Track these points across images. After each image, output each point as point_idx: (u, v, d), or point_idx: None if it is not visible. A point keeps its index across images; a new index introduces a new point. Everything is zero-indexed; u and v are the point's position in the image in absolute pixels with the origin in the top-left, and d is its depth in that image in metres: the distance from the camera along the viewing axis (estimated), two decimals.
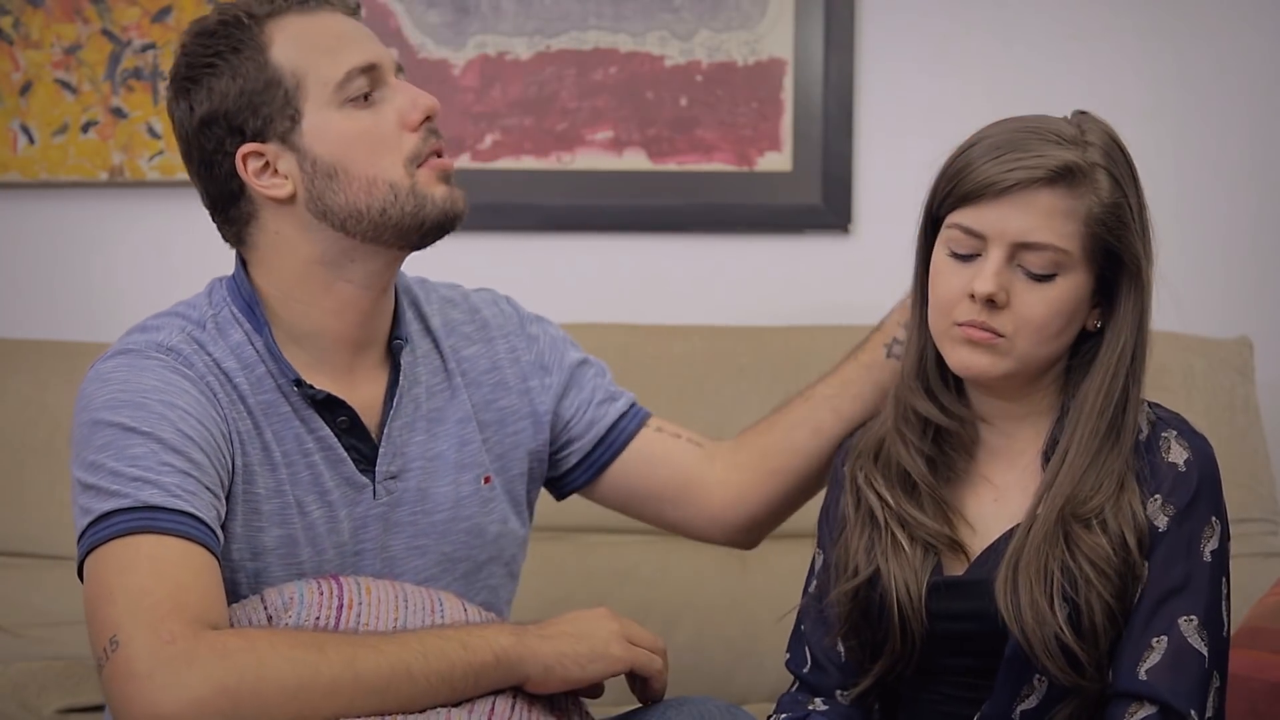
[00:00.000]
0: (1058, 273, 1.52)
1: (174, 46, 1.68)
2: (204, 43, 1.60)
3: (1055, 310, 1.53)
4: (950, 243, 1.56)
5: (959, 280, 1.55)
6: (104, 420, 1.51)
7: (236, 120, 1.59)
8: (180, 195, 2.68)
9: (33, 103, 2.64)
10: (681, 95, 2.66)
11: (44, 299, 2.68)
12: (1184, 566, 1.54)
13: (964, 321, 1.54)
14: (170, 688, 1.35)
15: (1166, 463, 1.56)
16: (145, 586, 1.41)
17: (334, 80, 1.59)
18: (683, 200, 2.66)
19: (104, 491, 1.47)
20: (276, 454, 1.60)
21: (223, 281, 1.68)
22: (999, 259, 1.52)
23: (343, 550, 1.63)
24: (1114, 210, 1.54)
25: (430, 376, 1.72)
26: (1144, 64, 2.66)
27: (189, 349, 1.59)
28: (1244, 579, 2.29)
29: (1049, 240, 1.51)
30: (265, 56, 1.58)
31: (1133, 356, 1.57)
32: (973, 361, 1.55)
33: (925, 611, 1.57)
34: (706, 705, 1.56)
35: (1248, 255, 2.68)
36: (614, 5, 2.65)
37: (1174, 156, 2.67)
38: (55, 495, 2.39)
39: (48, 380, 2.44)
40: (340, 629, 1.49)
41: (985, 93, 2.67)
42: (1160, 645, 1.51)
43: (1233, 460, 2.38)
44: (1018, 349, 1.54)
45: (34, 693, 2.17)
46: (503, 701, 1.49)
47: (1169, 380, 2.40)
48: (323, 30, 1.61)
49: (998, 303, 1.52)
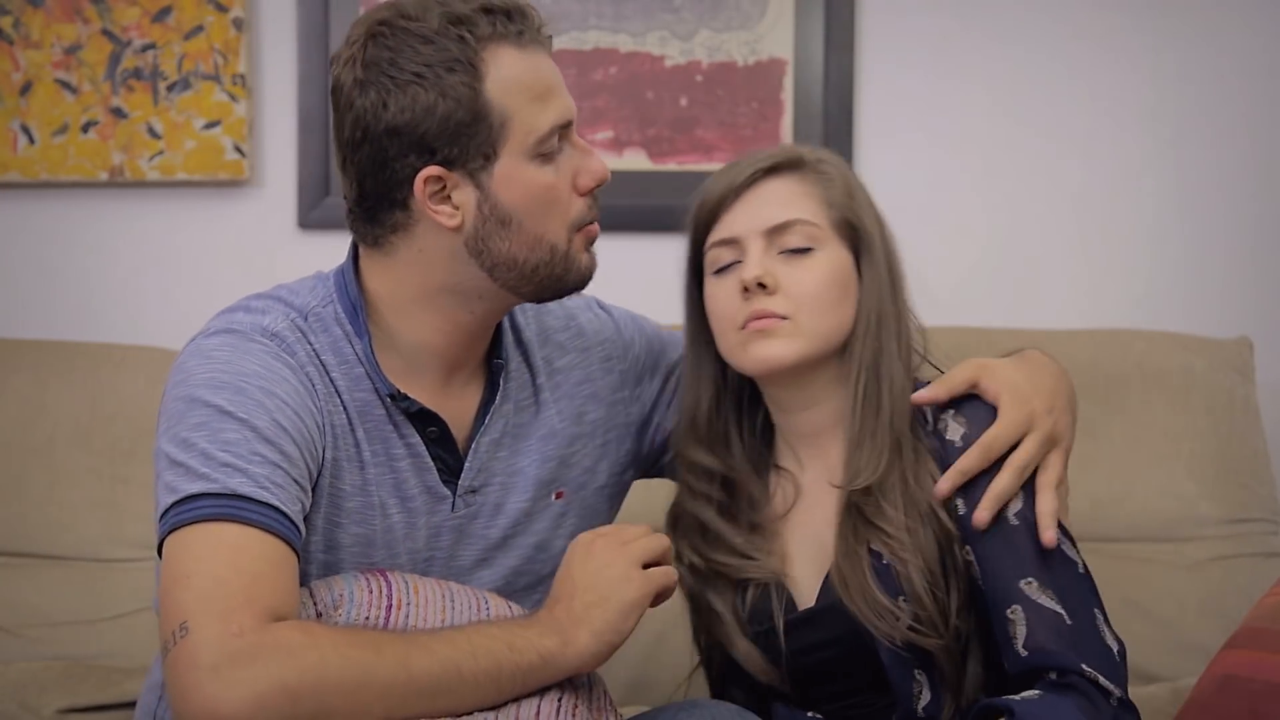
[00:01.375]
0: (814, 246, 1.63)
1: (370, 24, 1.56)
2: (417, 46, 1.53)
3: (823, 280, 1.62)
4: (714, 264, 1.65)
5: (728, 288, 1.63)
6: (201, 399, 1.50)
7: (432, 142, 1.53)
8: (180, 195, 2.68)
9: (33, 103, 2.64)
10: (681, 95, 2.66)
11: (44, 299, 2.68)
12: (998, 538, 1.56)
13: (746, 319, 1.60)
14: (233, 684, 1.35)
15: (946, 441, 1.60)
16: (222, 575, 1.40)
17: (537, 133, 1.56)
18: (683, 200, 2.65)
19: (193, 472, 1.46)
20: (366, 453, 1.60)
21: (329, 276, 1.65)
22: (758, 249, 1.62)
23: (415, 556, 1.64)
24: (845, 187, 1.66)
25: (519, 392, 1.71)
26: (1144, 64, 2.66)
27: (292, 336, 1.58)
28: (1244, 579, 2.30)
29: (795, 215, 1.63)
30: (479, 87, 1.53)
31: (880, 330, 1.63)
32: (768, 352, 1.61)
33: (786, 653, 1.61)
34: (719, 710, 1.56)
35: (1248, 255, 2.68)
36: (614, 5, 2.65)
37: (1174, 156, 2.67)
38: (55, 495, 2.40)
39: (48, 380, 2.44)
40: (389, 628, 1.49)
41: (985, 93, 2.67)
42: (1018, 616, 1.53)
43: (1233, 460, 2.38)
44: (803, 325, 1.60)
45: (34, 693, 2.17)
46: (548, 703, 1.50)
47: (1169, 380, 2.41)
48: (535, 73, 1.57)
49: (768, 286, 1.60)
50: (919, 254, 2.71)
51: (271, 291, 1.64)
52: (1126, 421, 2.39)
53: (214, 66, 2.63)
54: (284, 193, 2.68)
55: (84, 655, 2.31)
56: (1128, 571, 2.35)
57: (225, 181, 2.66)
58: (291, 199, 2.68)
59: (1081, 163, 2.68)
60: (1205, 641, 2.19)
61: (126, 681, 2.18)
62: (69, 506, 2.40)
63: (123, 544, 2.38)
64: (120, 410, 2.42)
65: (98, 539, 2.39)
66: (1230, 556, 2.35)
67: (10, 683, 2.19)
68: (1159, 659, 2.29)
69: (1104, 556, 2.36)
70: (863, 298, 1.64)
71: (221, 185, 2.68)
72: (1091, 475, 2.37)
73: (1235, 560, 2.35)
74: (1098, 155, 2.68)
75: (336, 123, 1.59)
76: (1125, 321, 2.59)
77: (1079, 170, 2.68)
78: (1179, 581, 2.34)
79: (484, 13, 1.55)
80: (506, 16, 1.56)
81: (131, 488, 2.39)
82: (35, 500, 2.40)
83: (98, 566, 2.38)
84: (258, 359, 1.54)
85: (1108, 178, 2.68)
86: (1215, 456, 2.38)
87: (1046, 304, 2.67)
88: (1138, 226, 2.68)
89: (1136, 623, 2.32)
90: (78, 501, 2.40)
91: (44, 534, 2.39)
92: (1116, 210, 2.68)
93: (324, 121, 2.65)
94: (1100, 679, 1.49)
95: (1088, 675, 1.49)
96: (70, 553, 2.39)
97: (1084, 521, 2.37)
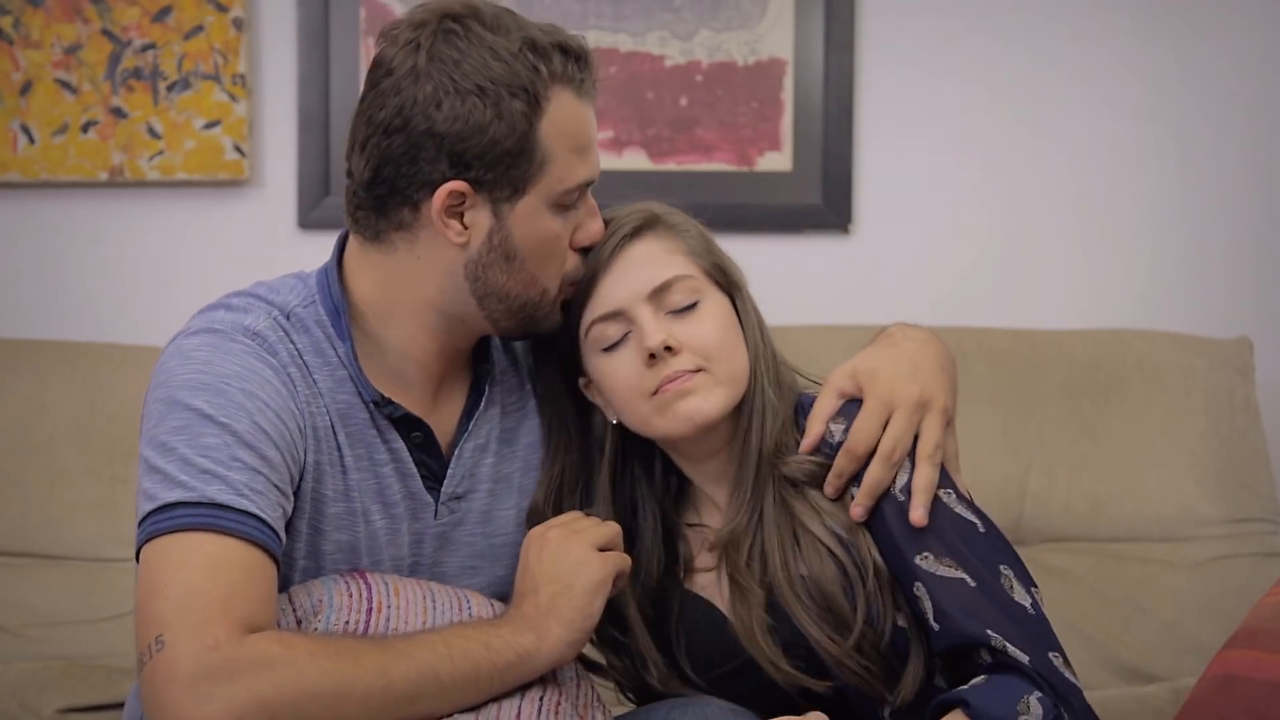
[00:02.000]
0: (698, 299, 1.61)
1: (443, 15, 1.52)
2: (489, 60, 1.50)
3: (719, 326, 1.61)
4: (599, 343, 1.61)
5: (627, 361, 1.60)
6: (182, 401, 1.48)
7: (469, 158, 1.50)
8: (180, 195, 2.68)
9: (33, 103, 2.64)
10: (681, 95, 2.66)
11: (44, 299, 2.68)
12: (892, 519, 1.55)
13: (658, 386, 1.58)
14: (209, 700, 1.34)
15: (828, 444, 1.60)
16: (199, 586, 1.39)
17: (567, 184, 1.55)
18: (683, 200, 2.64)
19: (171, 480, 1.44)
20: (348, 458, 1.58)
21: (310, 276, 1.62)
22: (648, 314, 1.59)
23: (399, 563, 1.62)
24: (700, 235, 1.66)
25: (506, 395, 1.70)
26: (1144, 64, 2.66)
27: (274, 336, 1.55)
28: (1244, 579, 2.30)
29: (673, 273, 1.60)
30: (535, 123, 1.50)
31: (764, 364, 1.64)
32: (693, 408, 1.59)
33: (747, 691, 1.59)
34: (709, 707, 1.56)
35: (1248, 255, 2.68)
36: (614, 5, 2.65)
37: (1174, 156, 2.67)
38: (55, 495, 2.40)
39: (48, 380, 2.44)
40: (369, 633, 1.49)
41: (985, 93, 2.67)
42: (922, 592, 1.52)
43: (1233, 460, 2.38)
44: (719, 373, 1.59)
45: (34, 693, 2.17)
46: (528, 704, 1.49)
47: (1169, 380, 2.41)
48: (582, 125, 1.56)
49: (673, 348, 1.58)
50: (919, 254, 2.73)
51: (251, 289, 1.60)
52: (1126, 421, 2.39)
53: (214, 66, 2.63)
54: (284, 193, 2.68)
55: (84, 655, 2.31)
56: (1128, 571, 2.35)
57: (225, 181, 2.66)
58: (291, 199, 2.68)
59: (1082, 163, 2.68)
60: (1205, 641, 2.19)
61: (126, 681, 2.18)
62: (69, 506, 2.40)
63: (123, 544, 2.38)
64: (120, 410, 2.42)
65: (97, 539, 2.39)
66: (1230, 556, 2.35)
67: (10, 683, 2.19)
68: (1159, 659, 2.29)
69: (1104, 556, 2.37)
70: (747, 336, 1.64)
71: (221, 185, 2.68)
72: (1091, 475, 2.38)
73: (1235, 560, 2.35)
74: (1098, 155, 2.68)
75: (372, 100, 1.53)
76: (1125, 321, 2.59)
77: (1079, 170, 2.68)
78: (1179, 581, 2.34)
79: (560, 51, 1.53)
80: (577, 62, 1.55)
81: (131, 488, 2.36)
82: (35, 500, 2.40)
83: (97, 566, 2.38)
84: (239, 359, 1.51)
85: (1108, 178, 2.68)
86: (1215, 456, 2.38)
87: (1046, 304, 2.67)
88: (1138, 226, 2.68)
89: (1136, 623, 2.32)
90: (77, 501, 2.40)
91: (44, 534, 2.39)
92: (1117, 210, 2.68)
93: (324, 121, 2.65)
94: (1009, 647, 1.46)
95: (995, 645, 1.46)
96: (70, 553, 2.39)
97: (1084, 521, 2.38)
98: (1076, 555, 2.37)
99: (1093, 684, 2.18)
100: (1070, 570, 2.35)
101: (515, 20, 1.53)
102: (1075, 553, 2.37)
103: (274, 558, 1.45)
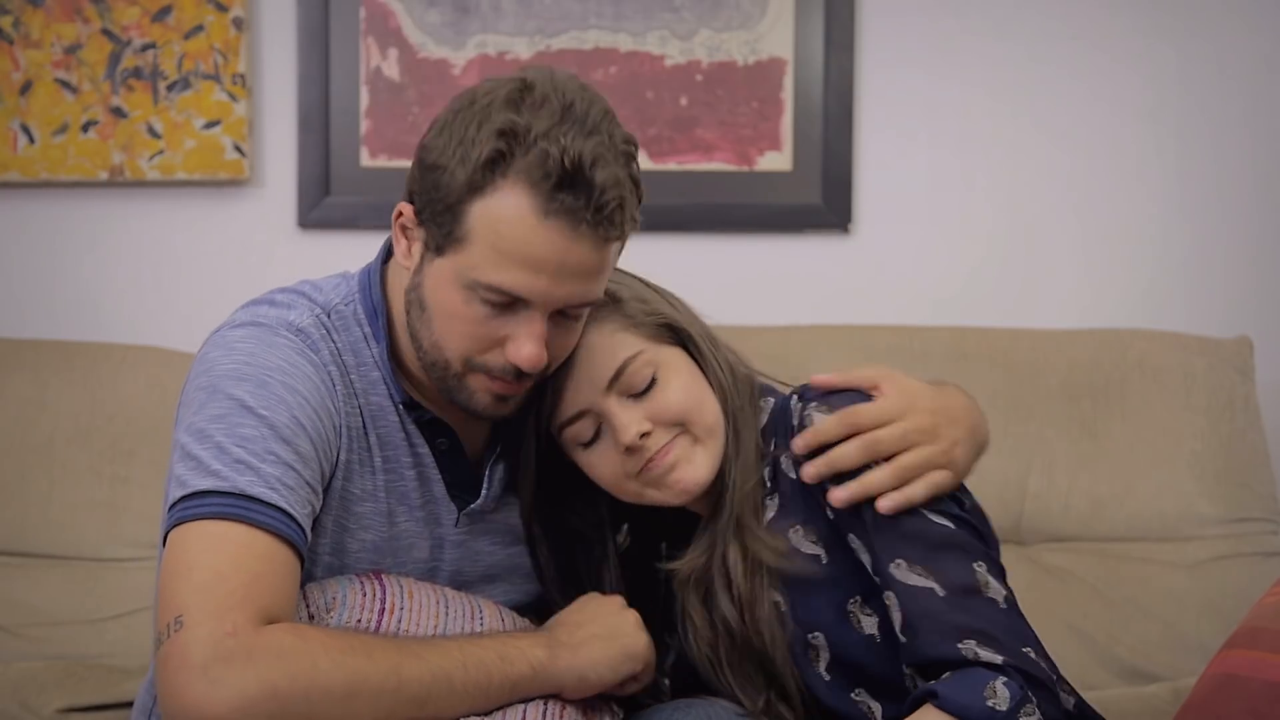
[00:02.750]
0: (654, 372, 1.60)
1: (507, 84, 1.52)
2: (480, 121, 1.48)
3: (682, 390, 1.60)
4: (577, 439, 1.61)
5: (609, 453, 1.60)
6: (224, 390, 1.49)
7: (423, 187, 1.51)
8: (180, 195, 2.68)
9: (33, 102, 2.64)
10: (681, 95, 2.66)
11: (44, 299, 2.68)
12: (859, 532, 1.55)
13: (643, 467, 1.59)
14: (221, 684, 1.35)
15: (789, 480, 1.60)
16: (222, 572, 1.40)
17: (480, 277, 1.49)
18: (683, 200, 2.66)
19: (204, 467, 1.45)
20: (378, 459, 1.59)
21: (354, 276, 1.64)
22: (615, 406, 1.58)
23: (421, 566, 1.63)
24: (636, 296, 1.63)
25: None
26: (1144, 64, 2.66)
27: (317, 334, 1.56)
28: (1244, 579, 2.30)
29: (621, 357, 1.58)
30: (468, 199, 1.48)
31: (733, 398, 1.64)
32: (684, 476, 1.59)
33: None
34: (713, 709, 1.57)
35: (1248, 255, 2.68)
36: (614, 5, 2.65)
37: (1174, 156, 2.67)
38: (55, 495, 2.40)
39: (48, 380, 2.44)
40: (381, 633, 1.49)
41: (985, 92, 2.67)
42: (893, 601, 1.51)
43: (1233, 460, 2.38)
44: (696, 429, 1.60)
45: (34, 693, 2.17)
46: (533, 709, 1.50)
47: (1169, 380, 2.41)
48: (522, 237, 1.47)
49: (648, 432, 1.58)
50: (919, 254, 2.73)
51: (297, 286, 1.63)
52: (1126, 421, 2.39)
53: (214, 66, 2.63)
54: (284, 192, 2.68)
55: (84, 655, 2.31)
56: (1128, 571, 2.35)
57: (225, 181, 2.66)
58: (291, 199, 2.68)
59: (1082, 162, 2.68)
60: (1205, 641, 2.20)
61: (126, 681, 2.18)
62: (69, 506, 2.40)
63: (122, 544, 2.38)
64: (120, 410, 2.42)
65: (97, 539, 2.39)
66: (1230, 556, 2.35)
67: (10, 683, 2.19)
68: (1159, 659, 2.29)
69: (1104, 556, 2.37)
70: (710, 380, 1.64)
71: (221, 185, 2.68)
72: (1091, 475, 2.38)
73: (1235, 560, 2.35)
74: (1098, 155, 2.68)
75: None
76: (1125, 321, 2.59)
77: (1079, 170, 2.68)
78: (1179, 581, 2.34)
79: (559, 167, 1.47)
80: (573, 190, 1.49)
81: (131, 488, 2.39)
82: (35, 500, 2.40)
83: (97, 566, 2.38)
84: (282, 354, 1.52)
85: (1108, 177, 2.68)
86: (1215, 456, 2.38)
87: (1047, 304, 2.67)
88: (1138, 226, 2.68)
89: (1136, 622, 2.32)
90: (77, 501, 2.40)
91: (44, 534, 2.39)
92: (1117, 210, 2.68)
93: (324, 121, 2.65)
94: (980, 654, 1.45)
95: (968, 658, 1.45)
96: (70, 553, 2.39)
97: (1084, 521, 2.38)
98: (1076, 555, 2.37)
99: (1093, 684, 2.19)
100: (1070, 570, 2.35)
101: (548, 114, 1.49)
102: (1075, 553, 2.37)
103: (299, 553, 1.46)
